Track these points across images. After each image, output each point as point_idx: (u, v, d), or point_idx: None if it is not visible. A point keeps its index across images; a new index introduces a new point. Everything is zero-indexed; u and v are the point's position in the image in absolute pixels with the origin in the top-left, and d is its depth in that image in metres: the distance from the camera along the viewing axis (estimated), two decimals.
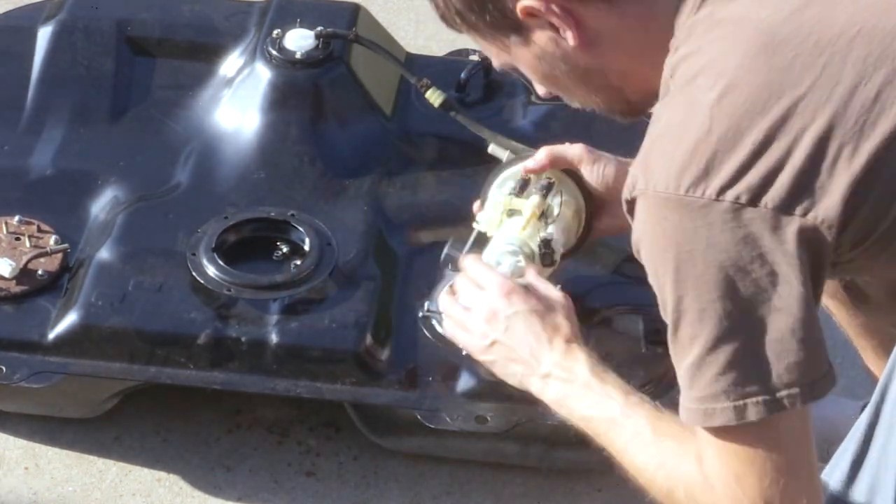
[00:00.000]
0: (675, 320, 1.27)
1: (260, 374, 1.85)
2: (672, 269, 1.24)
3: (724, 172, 1.21)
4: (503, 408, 1.82)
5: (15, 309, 1.90)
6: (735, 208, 1.20)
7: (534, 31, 1.37)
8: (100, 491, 1.94)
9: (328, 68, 2.14)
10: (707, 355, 1.25)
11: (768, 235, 1.20)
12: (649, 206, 1.25)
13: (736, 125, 1.21)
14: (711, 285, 1.22)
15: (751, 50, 1.24)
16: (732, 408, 1.25)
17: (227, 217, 1.98)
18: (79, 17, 2.24)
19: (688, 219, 1.21)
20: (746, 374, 1.24)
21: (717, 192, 1.21)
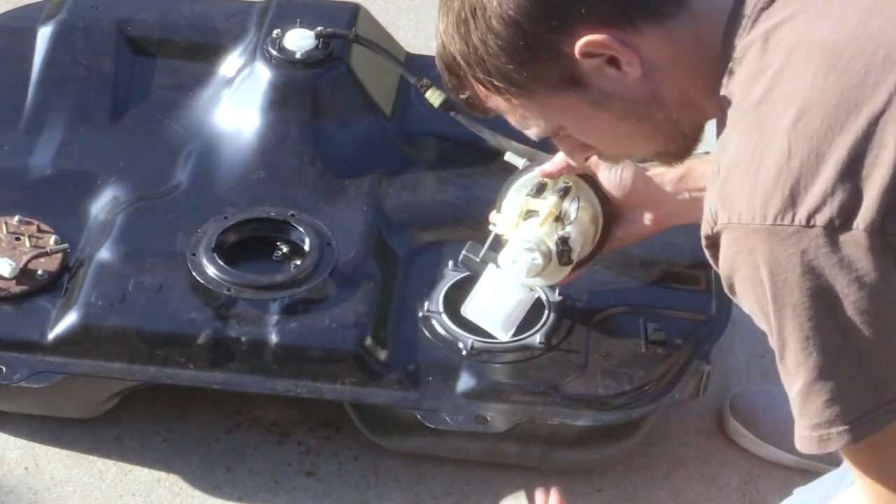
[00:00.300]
0: (780, 348, 1.24)
1: (260, 374, 1.85)
2: (770, 300, 1.21)
3: (811, 197, 1.18)
4: (503, 408, 1.82)
5: (15, 309, 1.90)
6: (827, 233, 1.18)
7: (591, 75, 1.29)
8: (100, 491, 1.94)
9: (328, 68, 2.14)
10: (815, 383, 1.23)
11: (864, 257, 1.18)
12: (737, 238, 1.22)
13: (817, 147, 1.18)
14: (811, 312, 1.20)
15: (821, 69, 1.20)
16: (848, 430, 1.23)
17: (227, 217, 1.98)
18: (79, 17, 2.25)
19: (779, 247, 1.19)
20: (860, 395, 1.22)
21: (807, 219, 1.18)
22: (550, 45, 1.26)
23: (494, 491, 1.96)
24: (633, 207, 1.78)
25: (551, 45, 1.26)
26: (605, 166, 1.74)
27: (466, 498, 1.95)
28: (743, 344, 2.17)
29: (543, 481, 1.96)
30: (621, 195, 1.76)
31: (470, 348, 1.85)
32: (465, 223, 2.04)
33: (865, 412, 1.22)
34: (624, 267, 2.00)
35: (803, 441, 1.27)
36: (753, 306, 1.25)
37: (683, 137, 1.38)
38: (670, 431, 2.04)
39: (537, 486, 1.95)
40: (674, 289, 1.99)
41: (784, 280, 1.20)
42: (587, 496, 1.96)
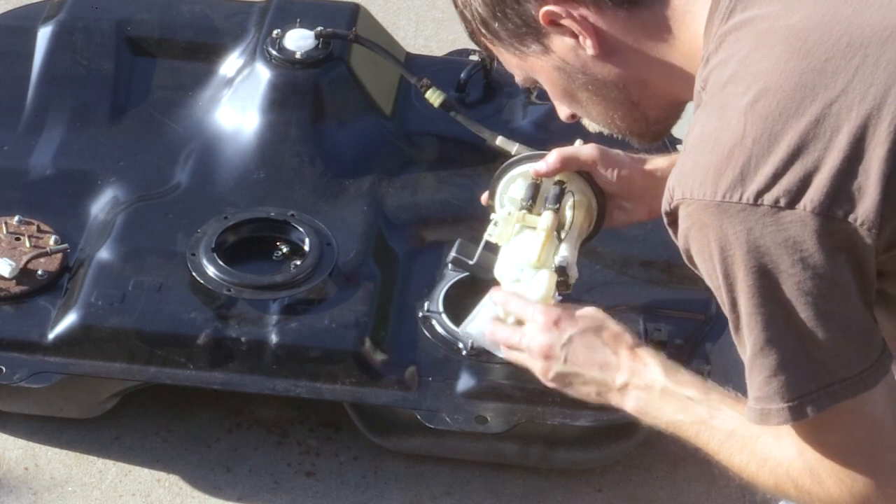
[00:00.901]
0: (734, 321, 1.27)
1: (260, 374, 1.85)
2: (721, 274, 1.24)
3: (760, 176, 1.20)
4: (503, 408, 1.82)
5: (15, 309, 1.90)
6: (773, 212, 1.20)
7: (554, 40, 1.36)
8: (100, 491, 1.94)
9: (328, 68, 2.14)
10: (759, 357, 1.26)
11: (809, 238, 1.20)
12: (690, 213, 1.24)
13: (770, 128, 1.20)
14: (755, 289, 1.22)
15: (783, 54, 1.23)
16: (787, 408, 1.25)
17: (227, 217, 1.98)
18: (79, 17, 2.24)
19: (727, 224, 1.21)
20: (800, 374, 1.24)
21: (755, 196, 1.20)
22: (519, 4, 1.34)
23: (494, 491, 1.96)
24: (630, 198, 1.79)
25: (520, 3, 1.34)
26: (601, 163, 1.75)
27: (466, 498, 1.95)
28: None
29: (544, 482, 1.96)
30: (618, 188, 1.77)
31: (470, 348, 1.85)
32: (465, 223, 2.03)
33: (805, 392, 1.24)
34: (624, 267, 2.00)
35: (749, 412, 1.29)
36: (709, 279, 1.27)
37: (646, 120, 1.41)
38: None
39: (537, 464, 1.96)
40: (674, 289, 1.99)
41: (731, 256, 1.22)
42: (587, 496, 1.96)
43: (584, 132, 1.57)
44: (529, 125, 2.20)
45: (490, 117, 2.17)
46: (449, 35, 2.82)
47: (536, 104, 2.22)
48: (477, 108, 2.20)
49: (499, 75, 2.28)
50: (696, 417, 1.45)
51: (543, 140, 2.10)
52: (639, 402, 1.52)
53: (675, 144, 2.12)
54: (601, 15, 1.32)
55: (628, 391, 1.52)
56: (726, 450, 1.42)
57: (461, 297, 1.89)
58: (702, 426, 1.45)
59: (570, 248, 1.70)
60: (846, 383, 1.24)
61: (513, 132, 2.14)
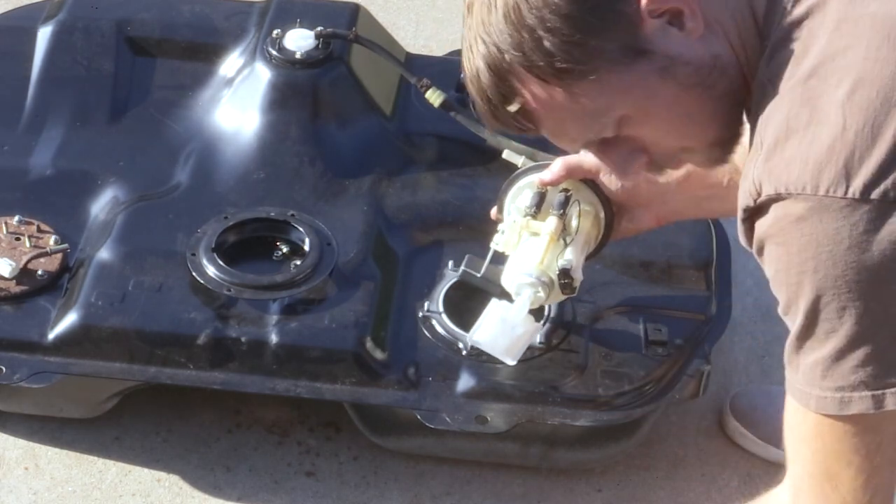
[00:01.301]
0: (812, 318, 1.23)
1: (260, 374, 1.85)
2: (811, 270, 1.21)
3: (866, 169, 1.17)
4: (503, 408, 1.82)
5: (15, 309, 1.90)
6: (881, 205, 1.17)
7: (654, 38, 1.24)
8: (100, 491, 1.94)
9: (328, 68, 2.14)
10: (847, 349, 1.23)
11: None
12: (783, 207, 1.20)
13: (872, 120, 1.17)
14: (853, 285, 1.20)
15: (873, 41, 1.19)
16: (871, 396, 1.23)
17: (227, 217, 1.98)
18: (79, 17, 2.24)
19: (828, 220, 1.18)
20: (888, 366, 1.23)
21: (862, 191, 1.17)
22: (613, 6, 1.23)
23: (494, 491, 1.96)
24: (636, 206, 1.78)
25: (613, 5, 1.22)
26: (605, 171, 1.72)
27: (466, 498, 1.95)
28: (743, 344, 2.18)
29: (544, 482, 1.96)
30: (624, 195, 1.76)
31: (470, 348, 1.85)
32: (465, 223, 2.04)
33: (888, 385, 1.22)
34: (624, 267, 2.00)
35: (823, 401, 1.26)
36: (784, 273, 1.23)
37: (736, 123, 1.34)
38: (670, 431, 2.04)
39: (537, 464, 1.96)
40: (674, 289, 1.99)
41: (829, 251, 1.19)
42: (587, 496, 1.96)
43: None
44: None
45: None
46: (449, 35, 2.82)
47: None
48: None
49: None
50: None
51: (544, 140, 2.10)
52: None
53: None
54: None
55: None
56: None
57: (461, 298, 1.89)
58: None
59: (575, 253, 1.70)
60: None
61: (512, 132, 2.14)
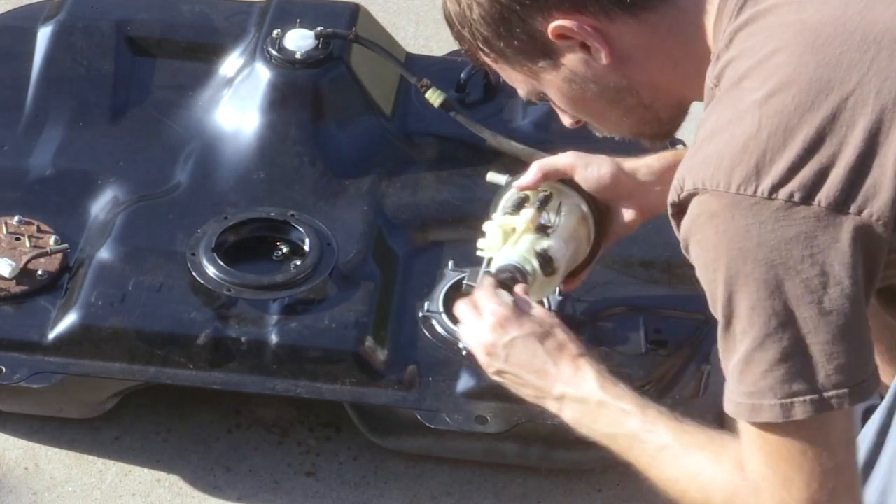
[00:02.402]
0: (727, 316, 1.26)
1: (260, 374, 1.85)
2: (723, 267, 1.24)
3: (775, 170, 1.20)
4: (503, 408, 1.82)
5: (15, 309, 1.90)
6: (787, 206, 1.20)
7: (563, 54, 1.36)
8: (100, 491, 1.94)
9: (328, 68, 2.14)
10: (756, 352, 1.25)
11: (821, 234, 1.20)
12: (700, 203, 1.24)
13: (786, 123, 1.20)
14: (761, 283, 1.22)
15: (797, 48, 1.23)
16: (779, 405, 1.24)
17: (227, 217, 1.98)
18: (79, 17, 2.24)
19: (739, 216, 1.21)
20: (794, 372, 1.24)
21: (770, 191, 1.20)
22: (524, 21, 1.33)
23: (494, 491, 1.96)
24: (618, 200, 1.79)
25: (525, 21, 1.33)
26: (580, 167, 1.74)
27: (466, 498, 1.95)
28: None
29: (543, 482, 1.96)
30: (602, 190, 1.77)
31: None
32: (465, 223, 2.03)
33: (799, 392, 1.23)
34: (624, 267, 2.00)
35: (736, 407, 1.28)
36: (707, 269, 1.26)
37: (658, 122, 1.42)
38: None
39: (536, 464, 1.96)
40: (674, 289, 1.99)
41: (739, 249, 1.22)
42: (587, 496, 1.96)
43: (586, 133, 1.58)
44: (529, 125, 2.20)
45: (490, 117, 2.17)
46: (449, 35, 2.79)
47: (536, 104, 2.22)
48: (477, 108, 2.20)
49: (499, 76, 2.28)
50: (630, 431, 1.44)
51: (544, 140, 2.11)
52: (574, 413, 1.51)
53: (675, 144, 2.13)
54: (611, 23, 1.32)
55: (564, 402, 1.52)
56: (657, 464, 1.41)
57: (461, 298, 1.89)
58: (634, 440, 1.43)
59: (556, 241, 1.69)
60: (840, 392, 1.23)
61: (513, 132, 2.14)
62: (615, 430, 1.46)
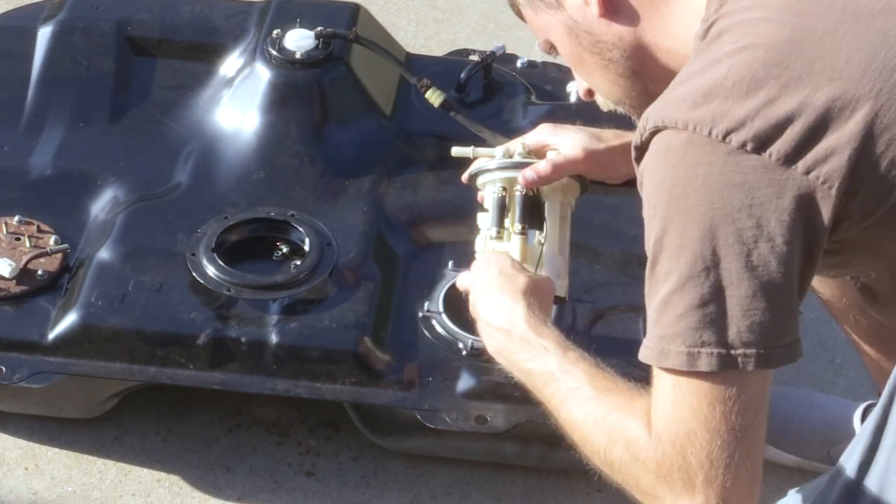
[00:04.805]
0: (656, 253, 1.26)
1: (260, 375, 1.85)
2: (665, 201, 1.25)
3: (733, 116, 1.22)
4: (503, 408, 1.82)
5: (15, 309, 1.90)
6: (739, 152, 1.22)
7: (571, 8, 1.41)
8: (100, 491, 1.94)
9: (328, 68, 2.14)
10: (675, 293, 1.24)
11: (765, 187, 1.21)
12: (658, 139, 1.27)
13: (752, 74, 1.23)
14: (696, 223, 1.23)
15: (776, 10, 1.26)
16: (686, 353, 1.24)
17: (227, 217, 1.98)
18: (79, 17, 2.24)
19: (690, 154, 1.23)
20: (707, 322, 1.23)
21: (724, 134, 1.22)
22: None
23: (494, 491, 1.96)
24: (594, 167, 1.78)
25: None
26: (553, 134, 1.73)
27: (466, 498, 1.95)
28: None
29: (543, 482, 1.96)
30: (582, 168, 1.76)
31: (470, 348, 1.85)
32: (465, 223, 2.02)
33: (707, 342, 1.23)
34: (624, 267, 2.00)
35: (647, 351, 1.28)
36: (650, 203, 1.27)
37: (647, 93, 1.41)
38: None
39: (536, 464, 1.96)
40: None
41: (683, 185, 1.23)
42: (587, 496, 1.96)
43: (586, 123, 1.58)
44: (529, 125, 2.20)
45: (490, 117, 2.17)
46: (449, 35, 2.82)
47: (536, 104, 2.22)
48: (477, 108, 2.20)
49: (499, 75, 2.28)
50: (546, 368, 1.43)
51: None
52: (497, 343, 1.51)
53: None
54: None
55: (491, 331, 1.52)
56: (567, 405, 1.40)
57: (461, 298, 1.89)
58: (549, 378, 1.42)
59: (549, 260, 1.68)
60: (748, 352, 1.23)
61: (513, 132, 2.14)
62: (532, 367, 1.45)
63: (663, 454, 1.27)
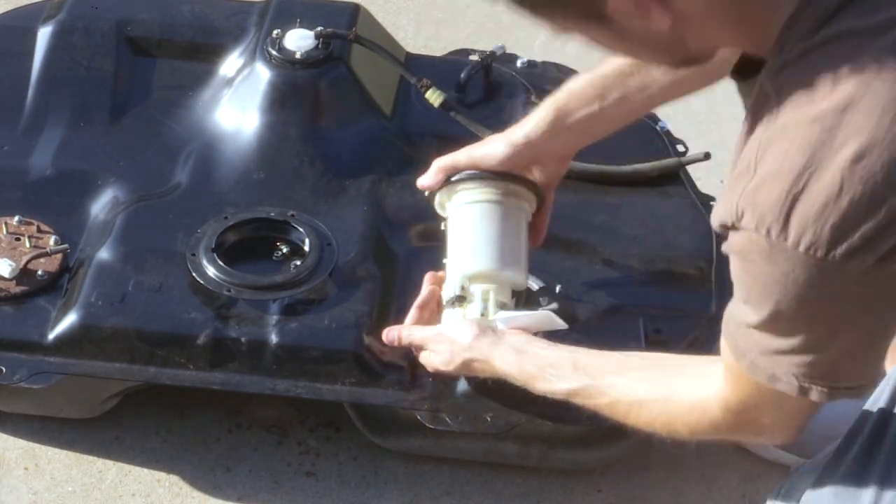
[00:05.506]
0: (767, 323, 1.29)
1: (260, 375, 1.85)
2: (773, 300, 1.26)
3: (853, 239, 1.17)
4: (503, 408, 1.82)
5: (15, 309, 1.90)
6: (864, 270, 1.18)
7: (619, 19, 1.26)
8: (100, 491, 1.94)
9: (328, 68, 2.14)
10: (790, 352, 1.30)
11: (887, 289, 1.21)
12: (759, 245, 1.22)
13: (870, 193, 1.15)
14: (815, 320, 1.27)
15: (889, 108, 1.15)
16: (798, 386, 1.32)
17: (227, 217, 1.98)
18: (79, 17, 2.24)
19: (802, 271, 1.21)
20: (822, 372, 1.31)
21: (844, 258, 1.18)
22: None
23: (494, 491, 1.96)
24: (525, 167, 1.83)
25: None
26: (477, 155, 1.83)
27: (466, 498, 1.95)
28: None
29: (543, 482, 1.96)
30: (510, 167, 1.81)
31: None
32: None
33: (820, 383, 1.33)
34: (624, 267, 2.00)
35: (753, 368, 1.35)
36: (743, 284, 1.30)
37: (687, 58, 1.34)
38: None
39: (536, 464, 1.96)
40: (674, 289, 1.99)
41: (796, 294, 1.23)
42: (587, 496, 1.96)
43: None
44: None
45: (490, 117, 2.17)
46: (449, 35, 2.82)
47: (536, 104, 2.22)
48: (477, 108, 2.20)
49: (499, 75, 2.28)
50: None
51: None
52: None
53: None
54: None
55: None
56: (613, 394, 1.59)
57: None
58: None
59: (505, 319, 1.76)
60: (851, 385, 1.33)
61: None
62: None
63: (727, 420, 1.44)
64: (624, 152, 2.14)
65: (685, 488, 1.98)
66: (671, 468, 2.00)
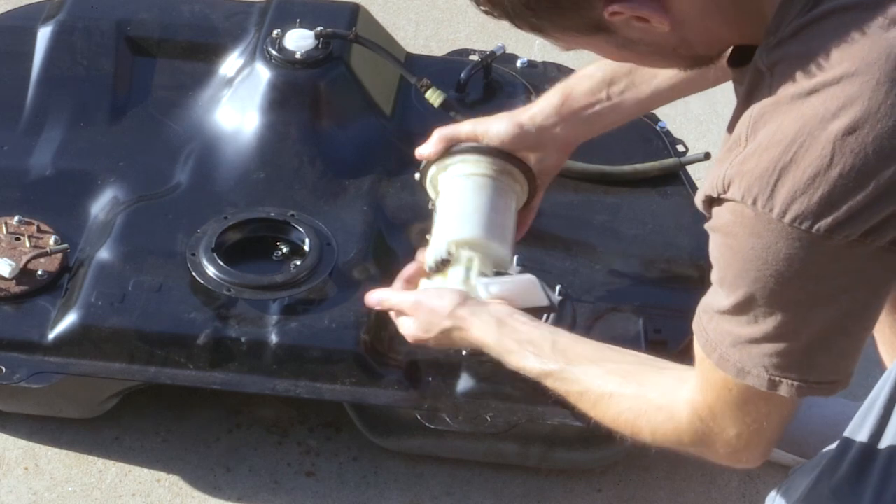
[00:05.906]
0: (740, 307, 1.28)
1: (260, 375, 1.85)
2: (751, 279, 1.24)
3: (841, 212, 1.16)
4: (503, 408, 1.82)
5: (15, 309, 1.90)
6: (846, 244, 1.18)
7: (619, 28, 1.28)
8: (100, 491, 1.94)
9: (328, 68, 2.14)
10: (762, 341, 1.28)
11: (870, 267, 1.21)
12: (743, 216, 1.22)
13: (861, 166, 1.15)
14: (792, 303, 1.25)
15: (883, 80, 1.15)
16: (767, 379, 1.29)
17: (227, 217, 1.98)
18: (78, 17, 2.24)
19: (784, 245, 1.20)
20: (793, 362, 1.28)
21: (829, 230, 1.17)
22: (579, 8, 1.26)
23: (494, 491, 1.96)
24: (527, 150, 1.82)
25: (581, 9, 1.26)
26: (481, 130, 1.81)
27: (466, 498, 1.95)
28: None
29: (543, 482, 1.96)
30: (511, 148, 1.80)
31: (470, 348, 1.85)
32: None
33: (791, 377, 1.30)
34: (624, 267, 2.00)
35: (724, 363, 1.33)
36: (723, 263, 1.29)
37: (696, 58, 1.36)
38: None
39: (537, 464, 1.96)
40: (674, 289, 1.99)
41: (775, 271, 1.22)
42: (587, 496, 1.96)
43: None
44: None
45: None
46: (449, 35, 2.82)
47: None
48: (477, 108, 2.20)
49: (499, 75, 2.28)
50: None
51: None
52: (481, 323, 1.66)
53: None
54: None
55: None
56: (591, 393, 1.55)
57: None
58: None
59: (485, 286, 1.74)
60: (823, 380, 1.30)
61: None
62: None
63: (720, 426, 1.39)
64: (624, 152, 2.14)
65: (685, 488, 1.98)
66: (671, 468, 2.00)
